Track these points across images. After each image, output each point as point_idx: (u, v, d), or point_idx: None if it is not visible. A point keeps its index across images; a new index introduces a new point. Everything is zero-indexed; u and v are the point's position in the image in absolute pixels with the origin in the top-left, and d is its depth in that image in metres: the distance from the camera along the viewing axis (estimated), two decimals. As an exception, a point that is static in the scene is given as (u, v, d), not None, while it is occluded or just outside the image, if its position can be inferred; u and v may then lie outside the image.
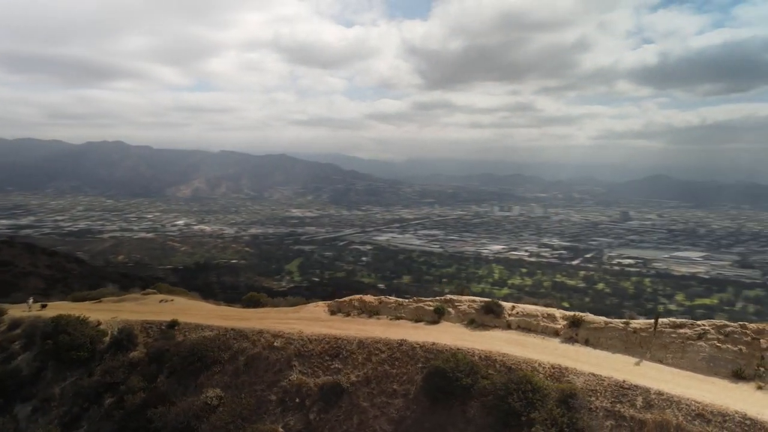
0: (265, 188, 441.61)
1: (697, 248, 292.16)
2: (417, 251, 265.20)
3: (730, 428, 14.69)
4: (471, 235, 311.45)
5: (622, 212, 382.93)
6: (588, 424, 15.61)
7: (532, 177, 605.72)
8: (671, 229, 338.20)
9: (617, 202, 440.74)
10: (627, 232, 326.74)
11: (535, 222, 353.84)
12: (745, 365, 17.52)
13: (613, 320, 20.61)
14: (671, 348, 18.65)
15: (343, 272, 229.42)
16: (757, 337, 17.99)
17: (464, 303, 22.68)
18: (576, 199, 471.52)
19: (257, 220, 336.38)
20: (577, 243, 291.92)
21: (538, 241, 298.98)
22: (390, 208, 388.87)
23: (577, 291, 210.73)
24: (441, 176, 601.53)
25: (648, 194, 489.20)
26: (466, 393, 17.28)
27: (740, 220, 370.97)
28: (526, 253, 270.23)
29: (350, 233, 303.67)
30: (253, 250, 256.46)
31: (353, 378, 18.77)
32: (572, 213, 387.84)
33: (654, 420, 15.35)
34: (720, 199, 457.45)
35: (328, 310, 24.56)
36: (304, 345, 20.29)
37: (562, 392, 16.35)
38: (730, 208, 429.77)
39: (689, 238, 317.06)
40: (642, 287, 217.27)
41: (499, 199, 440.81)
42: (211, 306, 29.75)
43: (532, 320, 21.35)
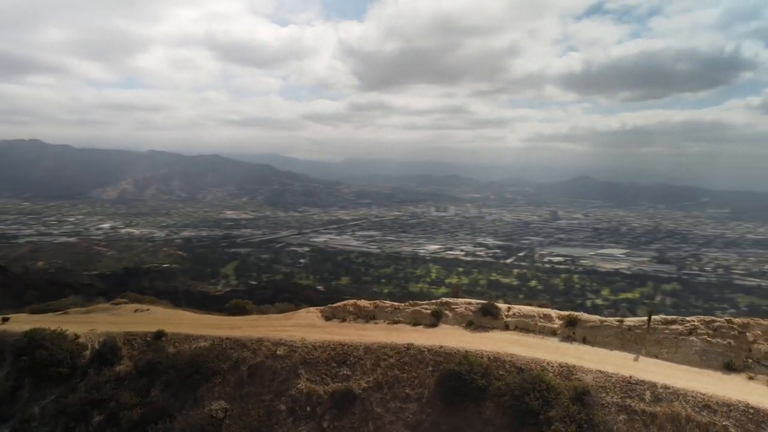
0: (197, 190, 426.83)
1: (620, 246, 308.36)
2: (355, 252, 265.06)
3: (736, 417, 15.57)
4: (408, 235, 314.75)
5: (551, 212, 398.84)
6: (603, 420, 16.08)
7: (467, 178, 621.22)
8: (596, 228, 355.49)
9: (546, 203, 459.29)
10: (556, 231, 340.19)
11: (470, 222, 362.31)
12: (735, 357, 18.66)
13: (607, 318, 21.46)
14: (665, 343, 19.55)
15: (281, 274, 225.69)
16: (743, 330, 19.21)
17: (461, 305, 22.88)
18: (508, 199, 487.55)
19: (190, 223, 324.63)
20: (511, 242, 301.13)
21: (474, 240, 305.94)
22: (327, 209, 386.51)
23: (511, 288, 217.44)
24: (378, 177, 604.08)
25: (574, 195, 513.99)
26: (480, 394, 17.43)
27: (657, 218, 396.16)
28: (462, 253, 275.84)
29: (287, 235, 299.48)
30: (186, 254, 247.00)
31: (364, 384, 18.56)
32: (505, 213, 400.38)
33: (664, 412, 15.98)
34: (639, 200, 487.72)
35: (321, 316, 24.11)
36: (309, 352, 19.90)
37: (575, 390, 16.76)
38: (648, 207, 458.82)
39: (612, 236, 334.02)
40: (571, 283, 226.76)
41: (435, 199, 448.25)
42: (192, 315, 28.43)
43: (529, 321, 21.81)
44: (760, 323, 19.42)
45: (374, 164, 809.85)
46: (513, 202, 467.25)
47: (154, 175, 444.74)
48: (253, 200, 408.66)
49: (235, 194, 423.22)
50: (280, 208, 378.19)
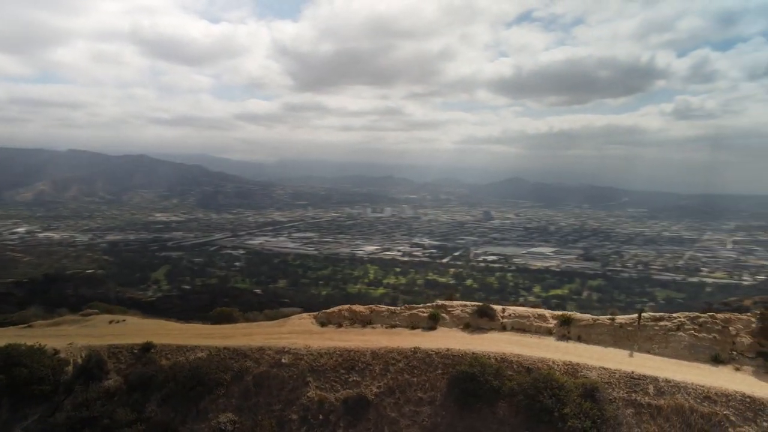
0: (123, 191, 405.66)
1: (549, 244, 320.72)
2: (292, 254, 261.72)
3: (735, 406, 16.55)
4: (345, 236, 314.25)
5: (484, 212, 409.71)
6: (613, 414, 16.71)
7: (402, 179, 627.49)
8: (527, 227, 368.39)
9: (480, 203, 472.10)
10: (490, 230, 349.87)
11: (407, 222, 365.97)
12: (720, 350, 19.93)
13: (599, 317, 22.26)
14: (656, 339, 20.59)
15: (216, 278, 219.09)
16: (726, 325, 20.53)
17: (457, 308, 23.13)
18: (443, 200, 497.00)
19: (116, 226, 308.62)
20: (446, 242, 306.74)
21: (410, 240, 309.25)
22: (262, 210, 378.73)
23: (448, 288, 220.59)
24: (314, 178, 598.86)
25: (506, 195, 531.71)
26: (494, 395, 17.68)
27: (582, 218, 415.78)
28: (399, 253, 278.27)
29: (221, 238, 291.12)
30: (112, 259, 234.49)
31: (375, 389, 18.43)
32: (440, 213, 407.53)
33: (669, 405, 16.78)
34: (566, 200, 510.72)
35: (316, 322, 23.64)
36: (316, 360, 19.43)
37: (584, 387, 17.33)
38: (574, 207, 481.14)
39: (542, 235, 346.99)
40: (505, 281, 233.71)
41: (372, 200, 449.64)
42: (175, 324, 26.80)
43: (525, 321, 22.33)
44: (740, 318, 20.78)
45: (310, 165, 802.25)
46: (448, 203, 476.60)
47: (75, 175, 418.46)
48: (184, 202, 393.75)
49: (165, 196, 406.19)
50: (213, 210, 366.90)
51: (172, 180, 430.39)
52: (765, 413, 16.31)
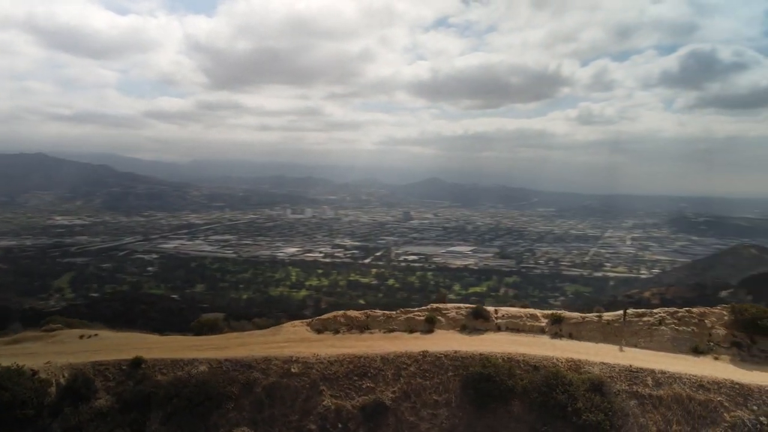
0: (18, 193, 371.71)
1: (467, 243, 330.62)
2: (209, 258, 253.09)
3: (726, 392, 17.91)
4: (265, 238, 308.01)
5: (404, 212, 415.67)
6: (620, 407, 17.56)
7: (322, 179, 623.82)
8: (446, 227, 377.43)
9: (399, 203, 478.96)
10: (410, 230, 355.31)
11: (327, 223, 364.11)
12: (699, 342, 21.54)
13: (587, 315, 23.46)
14: (641, 334, 21.94)
15: (128, 285, 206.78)
16: (702, 318, 22.24)
17: (452, 310, 23.42)
18: (363, 200, 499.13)
19: (9, 231, 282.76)
20: (367, 242, 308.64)
21: (332, 242, 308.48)
22: (176, 213, 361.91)
23: (370, 288, 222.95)
24: (231, 179, 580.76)
25: (425, 195, 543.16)
26: (508, 394, 18.13)
27: (497, 217, 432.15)
28: (321, 255, 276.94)
29: (132, 242, 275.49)
30: (6, 266, 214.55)
31: (390, 395, 18.45)
32: (361, 214, 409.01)
33: (668, 394, 17.92)
34: (482, 200, 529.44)
35: (312, 329, 23.00)
36: (327, 368, 19.02)
37: (591, 381, 18.13)
38: (489, 207, 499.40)
39: (460, 235, 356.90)
40: (426, 280, 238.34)
41: (291, 201, 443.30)
42: (156, 337, 25.06)
43: (518, 321, 23.02)
44: (713, 311, 22.62)
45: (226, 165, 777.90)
46: (368, 203, 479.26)
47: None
48: (88, 204, 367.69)
49: (67, 198, 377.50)
50: (122, 213, 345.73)
51: (76, 181, 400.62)
52: (753, 398, 17.67)
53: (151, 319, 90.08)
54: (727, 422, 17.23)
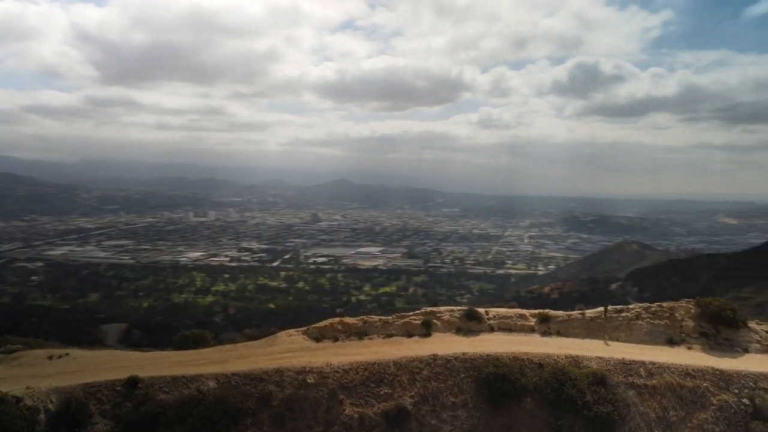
0: None
1: (376, 244, 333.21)
2: (104, 264, 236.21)
3: (710, 378, 19.75)
4: (166, 243, 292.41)
5: (312, 214, 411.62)
6: (622, 397, 18.83)
7: (226, 181, 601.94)
8: (354, 228, 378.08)
9: (307, 205, 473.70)
10: (318, 232, 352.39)
11: (233, 226, 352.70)
12: (673, 333, 23.51)
13: (571, 313, 24.77)
14: (621, 328, 23.65)
15: (8, 296, 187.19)
16: (672, 312, 24.22)
17: (445, 313, 23.86)
18: (270, 202, 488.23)
19: None
20: (275, 245, 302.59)
21: (238, 245, 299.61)
22: (63, 216, 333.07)
23: (280, 291, 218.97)
24: (126, 180, 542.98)
25: (333, 197, 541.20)
26: (521, 392, 18.82)
27: (404, 218, 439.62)
28: (227, 259, 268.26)
29: (11, 249, 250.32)
30: None
31: (409, 399, 18.56)
32: (268, 216, 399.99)
33: (660, 384, 19.42)
34: (389, 201, 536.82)
35: (309, 338, 22.35)
36: (342, 376, 18.78)
37: (594, 375, 19.32)
38: (396, 208, 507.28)
39: (369, 236, 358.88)
40: (336, 282, 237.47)
41: (194, 204, 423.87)
42: (136, 354, 23.26)
43: (509, 321, 23.92)
44: (682, 305, 24.71)
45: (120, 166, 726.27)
46: (275, 205, 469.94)
47: None
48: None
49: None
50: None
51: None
52: (734, 382, 19.61)
53: (47, 334, 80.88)
54: (714, 405, 18.86)
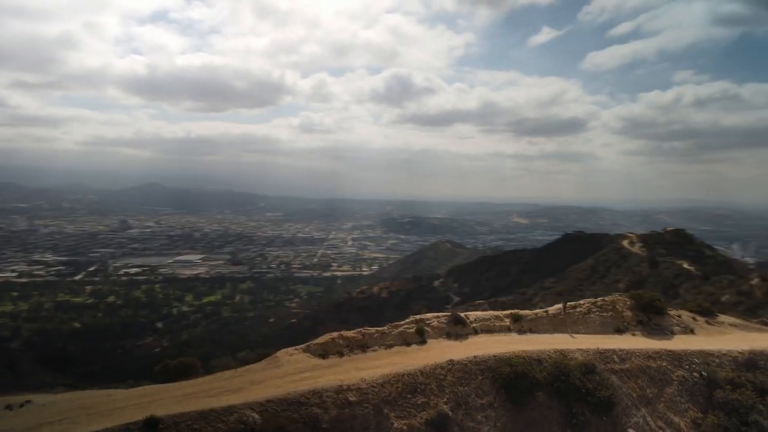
0: None
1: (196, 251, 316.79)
2: None
3: (666, 358, 23.19)
4: None
5: (120, 221, 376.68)
6: (609, 382, 21.06)
7: (9, 184, 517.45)
8: (170, 235, 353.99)
9: (113, 211, 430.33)
10: (129, 240, 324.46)
11: (20, 236, 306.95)
12: (618, 324, 26.77)
13: (537, 311, 26.98)
14: (578, 322, 26.41)
15: None
16: (614, 305, 27.56)
17: (433, 320, 24.53)
18: (67, 208, 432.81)
19: None
20: (77, 256, 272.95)
21: (28, 258, 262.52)
22: None
23: (87, 308, 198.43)
24: None
25: (144, 202, 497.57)
26: (536, 387, 20.10)
27: (225, 223, 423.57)
28: (14, 274, 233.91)
29: None
30: None
31: (445, 405, 18.87)
32: (65, 224, 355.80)
33: (632, 367, 22.26)
34: (208, 206, 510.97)
35: (313, 355, 21.29)
36: (380, 390, 18.43)
37: (585, 365, 21.31)
38: (216, 213, 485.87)
39: (188, 243, 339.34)
40: (154, 294, 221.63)
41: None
42: (121, 392, 19.45)
43: (489, 323, 25.33)
44: (619, 299, 28.48)
45: None
46: (74, 212, 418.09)
47: None
48: None
49: None
50: None
51: None
52: (684, 360, 23.28)
53: None
54: (675, 380, 22.29)
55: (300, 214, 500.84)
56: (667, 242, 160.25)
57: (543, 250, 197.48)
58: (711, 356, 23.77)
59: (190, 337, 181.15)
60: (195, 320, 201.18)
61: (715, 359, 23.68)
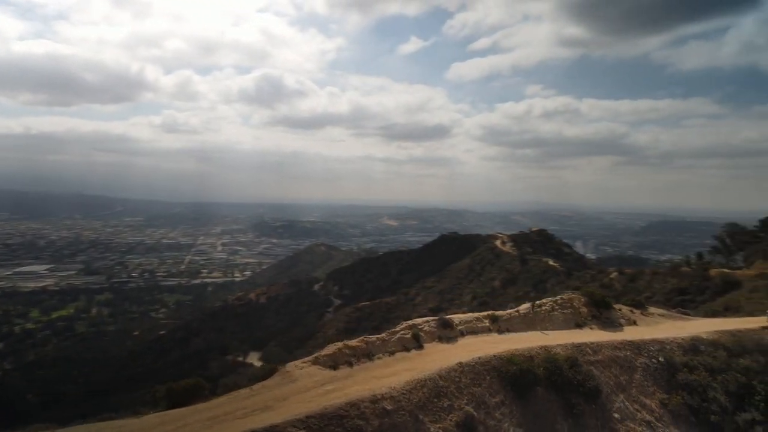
0: None
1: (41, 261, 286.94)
2: None
3: (628, 348, 25.29)
4: None
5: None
6: (591, 373, 22.69)
7: None
8: (8, 244, 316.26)
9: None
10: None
11: None
12: (577, 319, 28.89)
13: (510, 311, 28.05)
14: (546, 320, 28.07)
15: None
16: (572, 302, 29.64)
17: (423, 325, 24.64)
18: None
19: None
20: None
21: None
22: None
23: None
24: None
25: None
26: (536, 383, 21.11)
27: (76, 229, 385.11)
28: None
29: None
30: None
31: (467, 406, 19.12)
32: None
33: (604, 357, 24.18)
34: (53, 210, 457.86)
35: (324, 367, 20.17)
36: (410, 397, 18.31)
37: (569, 359, 22.69)
38: (65, 218, 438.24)
39: (30, 252, 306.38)
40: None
41: None
42: (132, 421, 16.20)
43: (472, 325, 25.83)
44: (575, 296, 30.56)
45: None
46: None
47: None
48: None
49: None
50: None
51: None
52: (643, 348, 25.68)
53: None
54: (639, 367, 24.46)
55: (164, 219, 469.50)
56: (533, 241, 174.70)
57: (421, 250, 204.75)
58: (663, 344, 26.33)
59: (38, 357, 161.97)
60: (44, 338, 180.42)
61: (666, 346, 26.24)
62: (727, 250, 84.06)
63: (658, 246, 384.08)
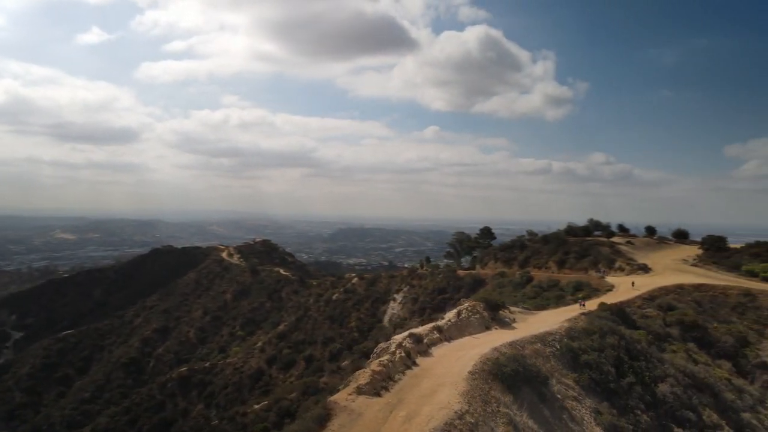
0: None
1: None
2: None
3: (538, 341, 30.14)
4: None
5: None
6: (538, 365, 26.76)
7: None
8: None
9: None
10: None
11: None
12: (485, 322, 33.62)
13: (448, 322, 31.27)
14: (468, 325, 32.48)
15: None
16: (476, 308, 34.10)
17: (403, 341, 26.53)
18: None
19: None
20: None
21: None
22: None
23: None
24: None
25: None
26: (521, 377, 24.11)
27: None
28: None
29: None
30: None
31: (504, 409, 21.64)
32: None
33: (531, 351, 28.12)
34: None
35: (370, 395, 20.60)
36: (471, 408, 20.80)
37: (517, 357, 25.72)
38: None
39: None
40: None
41: None
42: None
43: (430, 337, 28.03)
44: (476, 304, 35.09)
45: None
46: None
47: None
48: None
49: None
50: None
51: None
52: (545, 340, 30.68)
53: None
54: (550, 354, 29.26)
55: None
56: (259, 252, 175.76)
57: (130, 266, 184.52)
58: (551, 335, 31.89)
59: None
60: None
61: (556, 336, 31.94)
62: (458, 254, 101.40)
63: (345, 251, 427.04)
